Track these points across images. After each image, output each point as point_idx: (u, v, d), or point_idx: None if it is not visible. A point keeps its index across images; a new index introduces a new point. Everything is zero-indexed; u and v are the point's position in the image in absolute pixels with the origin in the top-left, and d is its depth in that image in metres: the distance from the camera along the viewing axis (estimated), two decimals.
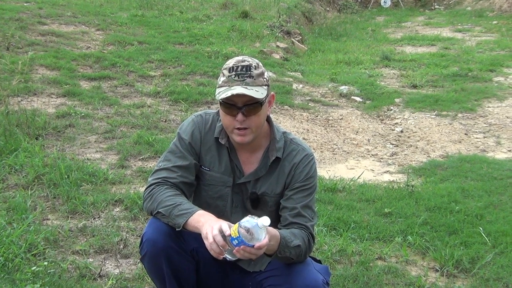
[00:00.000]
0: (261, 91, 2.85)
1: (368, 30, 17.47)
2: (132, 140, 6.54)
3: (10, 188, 5.20)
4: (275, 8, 15.69)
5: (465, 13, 20.49)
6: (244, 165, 3.09)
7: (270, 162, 3.04)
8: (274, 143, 3.05)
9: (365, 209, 5.43)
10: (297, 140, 3.13)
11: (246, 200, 3.09)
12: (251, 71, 2.85)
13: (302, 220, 2.98)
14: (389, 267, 4.36)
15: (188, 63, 10.02)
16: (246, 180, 3.07)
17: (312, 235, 2.99)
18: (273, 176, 3.06)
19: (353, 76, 11.18)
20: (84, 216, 4.81)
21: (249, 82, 2.82)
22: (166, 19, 13.75)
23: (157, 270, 3.01)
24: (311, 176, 3.06)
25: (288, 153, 3.06)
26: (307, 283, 2.87)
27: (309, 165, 3.05)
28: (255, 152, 3.08)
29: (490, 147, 7.68)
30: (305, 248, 2.93)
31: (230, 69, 2.85)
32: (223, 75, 2.88)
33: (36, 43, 10.17)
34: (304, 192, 3.03)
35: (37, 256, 4.12)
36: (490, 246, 4.71)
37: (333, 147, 7.54)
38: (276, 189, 3.06)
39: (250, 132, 2.92)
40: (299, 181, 3.03)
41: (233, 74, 2.84)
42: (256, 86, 2.84)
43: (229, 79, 2.84)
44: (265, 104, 2.93)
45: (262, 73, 2.90)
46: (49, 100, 7.70)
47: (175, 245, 2.97)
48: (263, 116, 2.94)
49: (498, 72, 11.62)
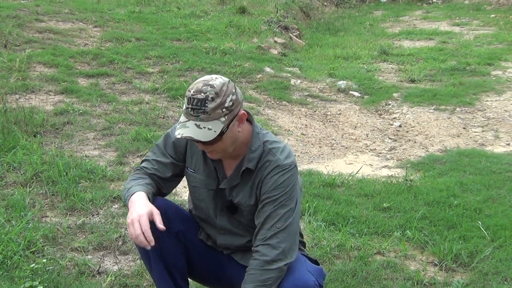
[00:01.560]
0: (215, 127, 2.74)
1: (366, 25, 17.43)
2: (130, 137, 6.54)
3: (8, 186, 5.21)
4: (272, 3, 15.67)
5: (463, 7, 20.45)
6: (227, 171, 3.06)
7: (241, 172, 2.98)
8: (248, 154, 2.96)
9: (363, 204, 5.43)
10: (276, 149, 2.97)
11: (225, 207, 3.08)
12: (206, 106, 2.72)
13: (262, 234, 2.89)
14: (388, 262, 4.37)
15: (186, 59, 10.01)
16: (223, 186, 3.05)
17: (270, 245, 2.85)
18: (247, 186, 3.00)
19: (351, 71, 11.17)
20: (82, 213, 4.82)
21: (203, 118, 2.74)
22: (164, 15, 13.73)
23: (144, 250, 2.98)
24: (279, 186, 2.90)
25: (262, 165, 2.95)
26: (296, 283, 2.85)
27: (278, 175, 2.91)
28: (236, 159, 3.02)
29: (489, 141, 7.68)
30: (262, 275, 2.82)
31: (188, 100, 2.76)
32: (185, 102, 2.80)
33: (33, 40, 10.15)
34: (269, 205, 2.90)
35: (36, 253, 4.13)
36: (488, 240, 4.71)
37: (331, 142, 7.54)
38: (249, 201, 3.00)
39: (217, 152, 2.90)
40: (266, 193, 2.92)
41: (189, 107, 2.75)
42: (211, 121, 2.74)
43: (186, 112, 2.78)
44: (230, 129, 2.82)
45: (219, 104, 2.75)
46: (47, 98, 7.70)
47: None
48: (228, 140, 2.85)
49: (496, 66, 11.61)
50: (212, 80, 2.78)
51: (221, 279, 3.27)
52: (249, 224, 3.05)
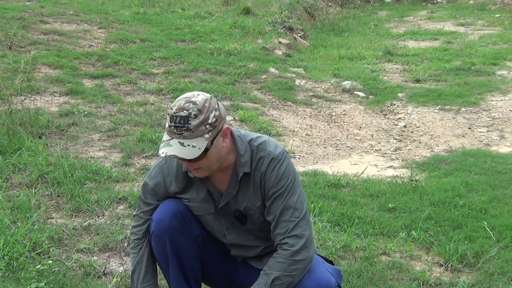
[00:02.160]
0: (199, 144, 2.74)
1: (371, 25, 17.41)
2: (135, 138, 6.55)
3: (14, 187, 5.22)
4: (277, 4, 15.65)
5: (468, 7, 20.41)
6: (220, 186, 3.05)
7: (239, 178, 2.98)
8: (239, 159, 2.96)
9: (369, 204, 5.42)
10: (263, 144, 3.01)
11: (234, 220, 3.08)
12: (189, 123, 2.71)
13: (283, 227, 2.90)
14: (394, 262, 4.36)
15: (190, 60, 10.02)
16: (224, 201, 3.04)
17: (295, 236, 2.89)
18: (250, 189, 3.00)
19: (355, 71, 11.16)
20: (88, 214, 4.83)
21: (186, 136, 2.73)
22: (168, 17, 13.75)
23: (162, 250, 3.06)
24: (281, 178, 2.94)
25: (256, 163, 2.97)
26: (318, 283, 2.86)
27: (276, 167, 2.94)
28: (225, 170, 3.00)
29: (494, 141, 7.67)
30: (288, 268, 2.85)
31: (171, 118, 2.75)
32: (167, 120, 2.79)
33: (38, 42, 10.18)
34: (280, 198, 2.94)
35: (42, 254, 4.13)
36: (494, 240, 4.70)
37: (336, 142, 7.54)
38: (255, 202, 3.01)
39: (203, 170, 2.88)
40: (272, 188, 2.94)
41: (172, 125, 2.74)
42: (195, 139, 2.73)
43: (169, 130, 2.76)
44: (214, 145, 2.81)
45: (202, 121, 2.74)
46: (52, 99, 7.72)
47: (179, 226, 3.02)
48: (213, 157, 2.85)
49: (501, 66, 11.58)
50: (194, 97, 2.77)
51: (233, 284, 3.28)
52: (260, 228, 3.05)
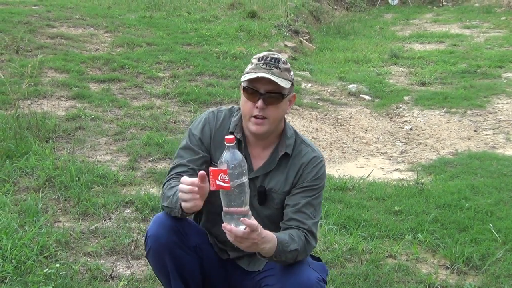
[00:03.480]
0: (285, 83, 2.88)
1: (376, 28, 17.45)
2: (142, 142, 6.56)
3: (21, 191, 5.24)
4: (282, 7, 15.70)
5: (473, 10, 20.43)
6: (254, 160, 3.08)
7: (279, 157, 3.03)
8: (284, 140, 3.05)
9: (375, 207, 5.43)
10: (308, 142, 3.12)
11: (254, 197, 3.05)
12: (279, 63, 2.89)
13: (302, 217, 2.95)
14: (400, 265, 4.37)
15: (196, 64, 10.04)
16: (255, 175, 3.05)
17: (311, 232, 2.95)
18: (282, 173, 3.05)
19: (361, 74, 11.17)
20: (95, 218, 4.84)
21: (275, 72, 2.86)
22: (174, 20, 13.78)
23: (161, 265, 3.03)
24: (319, 177, 3.03)
25: (297, 153, 3.05)
26: (300, 281, 2.86)
27: (318, 166, 3.04)
28: (266, 148, 3.07)
29: (500, 144, 7.67)
30: (303, 249, 2.89)
31: (260, 59, 2.90)
32: (252, 63, 2.93)
33: (45, 46, 10.22)
34: (309, 192, 3.00)
35: (49, 258, 4.14)
36: (500, 242, 4.70)
37: (342, 146, 7.54)
38: (283, 187, 3.04)
39: (267, 122, 2.93)
40: (307, 181, 3.01)
41: (261, 62, 2.88)
42: (282, 78, 2.87)
43: (257, 67, 2.88)
44: (286, 100, 2.96)
45: (289, 69, 2.94)
46: (58, 103, 7.75)
47: (178, 240, 2.99)
48: (282, 110, 2.96)
49: (507, 68, 11.60)
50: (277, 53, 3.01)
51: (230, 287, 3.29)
52: (271, 216, 3.04)
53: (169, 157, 6.16)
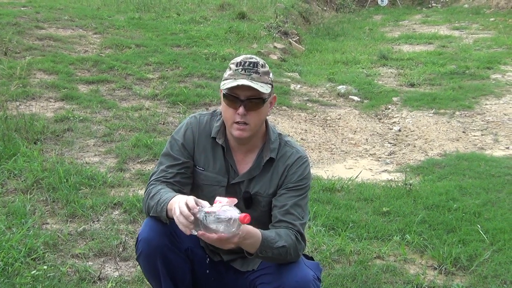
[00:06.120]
0: (265, 88, 2.88)
1: (366, 29, 17.49)
2: (131, 143, 6.55)
3: (9, 193, 5.22)
4: (272, 8, 15.72)
5: (462, 11, 20.51)
6: (239, 165, 3.10)
7: (264, 162, 3.05)
8: (268, 144, 3.07)
9: (363, 208, 5.44)
10: (291, 142, 3.14)
11: (240, 200, 3.04)
12: (258, 67, 2.90)
13: (291, 218, 2.96)
14: (388, 266, 4.37)
15: (185, 65, 10.04)
16: (240, 180, 3.07)
17: (300, 233, 2.95)
18: (267, 176, 3.06)
19: (350, 75, 11.20)
20: (83, 220, 4.83)
21: (254, 78, 2.87)
22: (163, 22, 13.77)
23: (152, 269, 3.04)
24: (305, 177, 3.05)
25: (282, 155, 3.07)
26: (296, 279, 2.88)
27: (303, 166, 3.05)
28: (250, 152, 3.09)
29: (488, 145, 7.70)
30: (293, 248, 2.89)
31: (238, 64, 2.92)
32: (230, 69, 2.94)
33: (33, 47, 10.19)
34: (296, 192, 3.01)
35: (37, 260, 4.13)
36: (488, 243, 4.72)
37: (331, 147, 7.56)
38: (269, 190, 3.06)
39: (249, 128, 2.94)
40: (292, 182, 3.02)
41: (240, 68, 2.90)
42: (261, 83, 2.88)
43: (235, 73, 2.90)
44: (267, 103, 2.97)
45: (267, 72, 2.94)
46: (47, 105, 7.72)
47: (169, 243, 3.00)
48: (263, 115, 2.98)
49: (495, 70, 11.65)
50: (254, 56, 3.01)
51: None
52: (259, 218, 3.01)
53: (158, 158, 6.13)
